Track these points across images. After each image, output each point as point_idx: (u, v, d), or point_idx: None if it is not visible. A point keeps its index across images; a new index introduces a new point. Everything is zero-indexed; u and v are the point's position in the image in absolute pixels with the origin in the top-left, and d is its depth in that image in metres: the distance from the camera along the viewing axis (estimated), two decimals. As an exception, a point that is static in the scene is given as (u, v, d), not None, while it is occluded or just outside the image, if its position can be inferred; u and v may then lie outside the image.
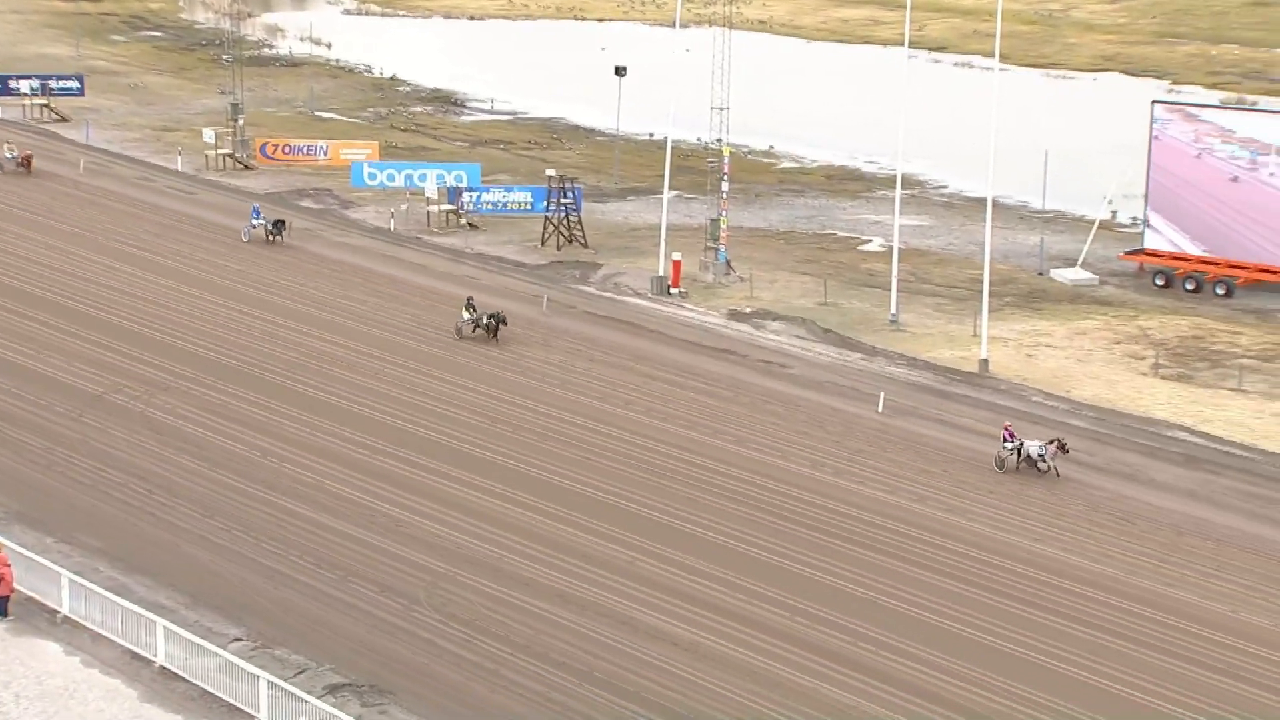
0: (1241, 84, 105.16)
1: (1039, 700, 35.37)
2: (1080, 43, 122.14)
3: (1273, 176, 65.14)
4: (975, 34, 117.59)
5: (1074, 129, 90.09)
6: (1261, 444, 49.91)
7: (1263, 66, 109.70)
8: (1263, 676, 36.39)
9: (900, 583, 40.62)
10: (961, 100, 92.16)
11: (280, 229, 70.43)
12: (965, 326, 60.25)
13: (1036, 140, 77.64)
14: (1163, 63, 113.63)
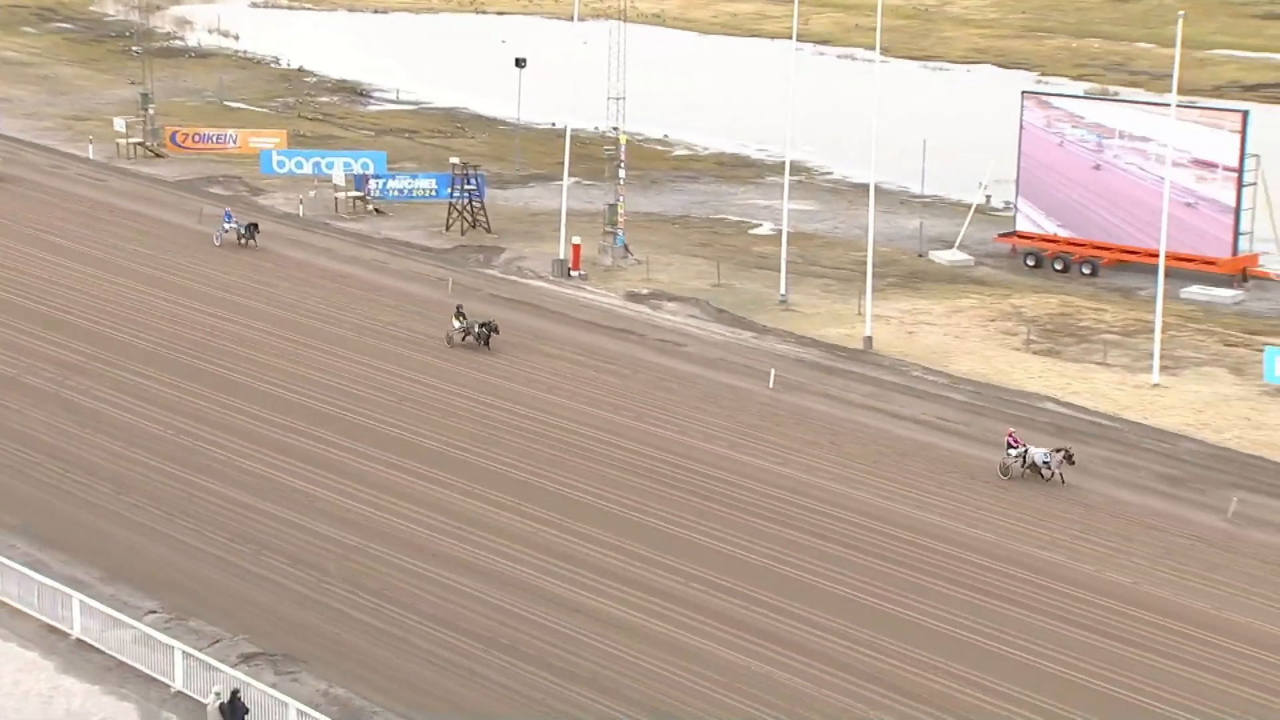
0: (1104, 75, 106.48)
1: (889, 646, 35.72)
2: (955, 36, 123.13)
3: (1116, 158, 66.18)
4: (857, 28, 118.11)
5: (951, 118, 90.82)
6: (1124, 414, 50.59)
7: (1123, 59, 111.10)
8: (1128, 631, 36.91)
9: (790, 549, 40.85)
10: (845, 91, 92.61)
11: (253, 232, 67.29)
12: (850, 306, 60.60)
13: (916, 129, 78.19)
14: (1031, 56, 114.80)
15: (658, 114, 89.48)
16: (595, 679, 34.86)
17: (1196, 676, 35.07)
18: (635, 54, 67.61)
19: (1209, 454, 47.51)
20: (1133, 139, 65.81)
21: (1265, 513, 43.07)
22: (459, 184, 72.12)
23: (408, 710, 33.36)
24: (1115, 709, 33.86)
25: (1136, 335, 57.09)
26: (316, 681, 34.29)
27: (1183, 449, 47.93)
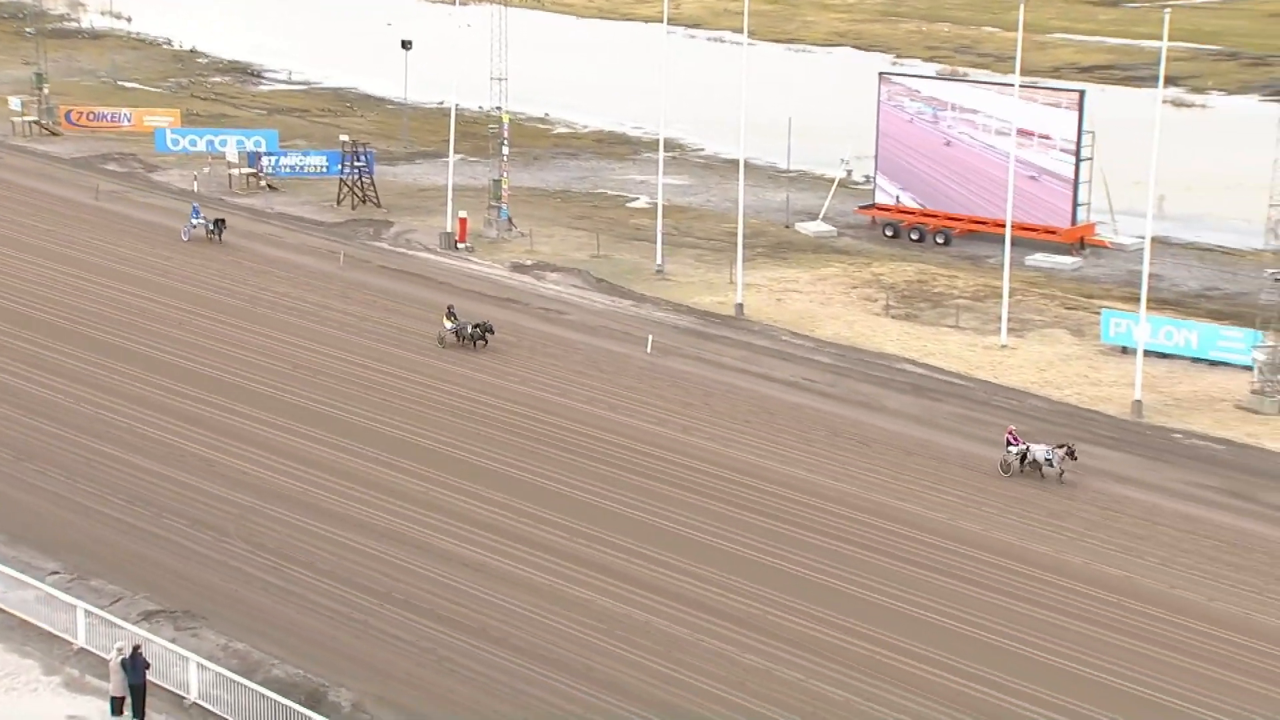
0: (954, 57, 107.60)
1: (757, 591, 36.14)
2: (816, 20, 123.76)
3: (950, 128, 67.10)
4: (725, 12, 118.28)
5: (814, 98, 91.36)
6: (975, 373, 51.35)
7: (971, 43, 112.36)
8: (974, 573, 37.57)
9: (668, 504, 41.08)
10: (715, 72, 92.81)
11: (220, 227, 63.95)
12: (722, 275, 60.89)
13: (782, 108, 78.57)
14: (887, 39, 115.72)
15: (539, 94, 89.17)
16: (484, 629, 34.89)
17: (1036, 613, 35.75)
18: (516, 36, 67.31)
19: (1051, 410, 48.42)
20: (980, 117, 66.63)
21: (1102, 463, 43.97)
22: (349, 161, 71.50)
23: (306, 663, 33.16)
24: (955, 641, 34.47)
25: (986, 300, 57.94)
26: (216, 636, 34.00)
27: (1028, 405, 48.79)
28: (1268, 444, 45.36)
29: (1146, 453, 44.77)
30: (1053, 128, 64.76)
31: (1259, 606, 36.17)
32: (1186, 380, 50.29)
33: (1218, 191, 68.08)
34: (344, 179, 71.67)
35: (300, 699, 30.83)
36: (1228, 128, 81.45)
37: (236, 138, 78.60)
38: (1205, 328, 52.70)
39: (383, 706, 31.83)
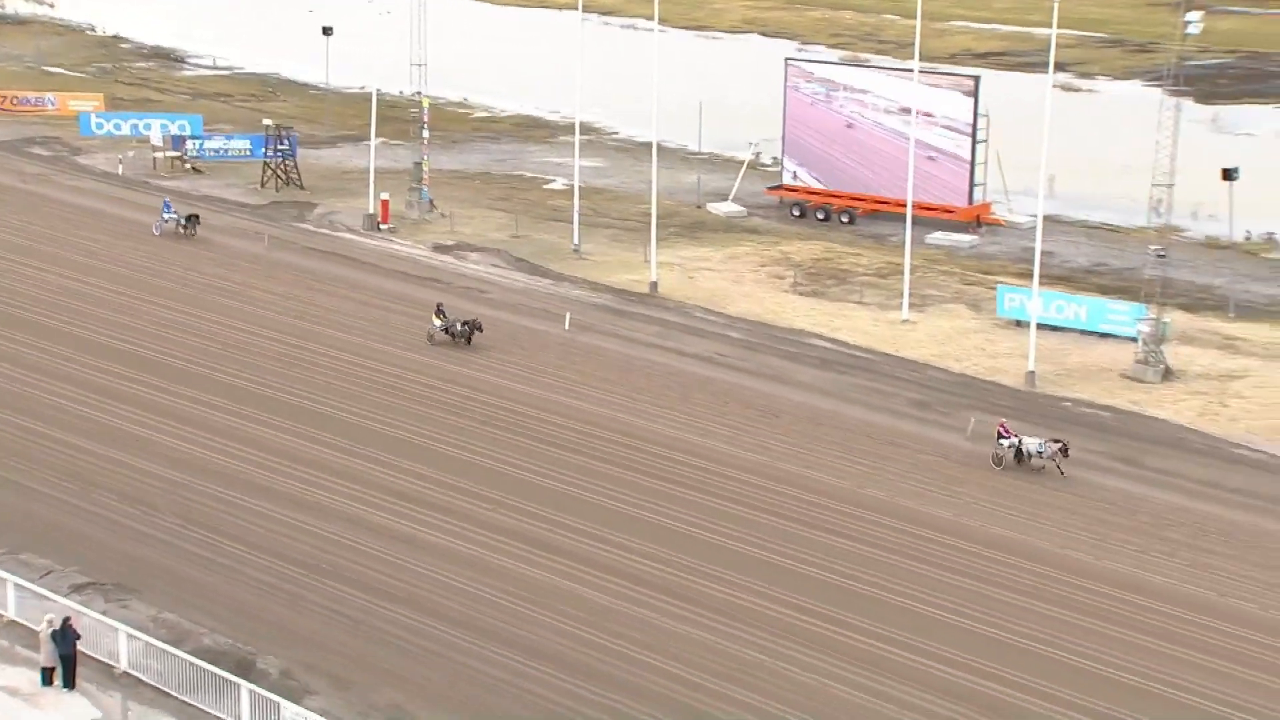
0: (857, 44, 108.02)
1: (675, 559, 36.30)
2: (725, 8, 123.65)
3: (827, 102, 67.61)
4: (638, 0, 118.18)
5: (724, 83, 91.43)
6: (879, 347, 51.72)
7: (873, 29, 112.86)
8: (877, 536, 37.93)
9: (587, 475, 41.11)
10: (628, 58, 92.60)
11: (193, 223, 61.31)
12: (637, 254, 60.85)
13: (693, 92, 78.58)
14: (793, 26, 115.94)
15: (458, 79, 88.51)
16: (412, 598, 34.76)
17: (934, 574, 36.15)
18: (435, 23, 66.79)
19: (951, 380, 48.91)
20: (881, 101, 67.03)
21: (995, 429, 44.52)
22: (272, 144, 70.68)
23: (236, 632, 32.89)
24: (861, 601, 34.80)
25: (889, 277, 58.34)
26: (147, 608, 33.65)
27: (929, 376, 49.24)
28: (1151, 411, 46.11)
29: (1040, 420, 45.32)
30: (950, 111, 65.26)
31: (1144, 565, 36.81)
32: (1076, 351, 50.97)
33: (1105, 172, 68.90)
34: (268, 162, 70.85)
35: (229, 667, 30.58)
36: (1114, 111, 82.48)
37: (161, 122, 77.43)
38: (1094, 302, 53.43)
39: (311, 674, 31.62)
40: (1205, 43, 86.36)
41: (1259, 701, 31.25)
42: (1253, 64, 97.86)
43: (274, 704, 29.13)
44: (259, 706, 29.28)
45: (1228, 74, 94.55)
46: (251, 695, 29.41)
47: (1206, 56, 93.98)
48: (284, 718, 28.94)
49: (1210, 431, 44.60)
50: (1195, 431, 44.63)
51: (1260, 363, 49.78)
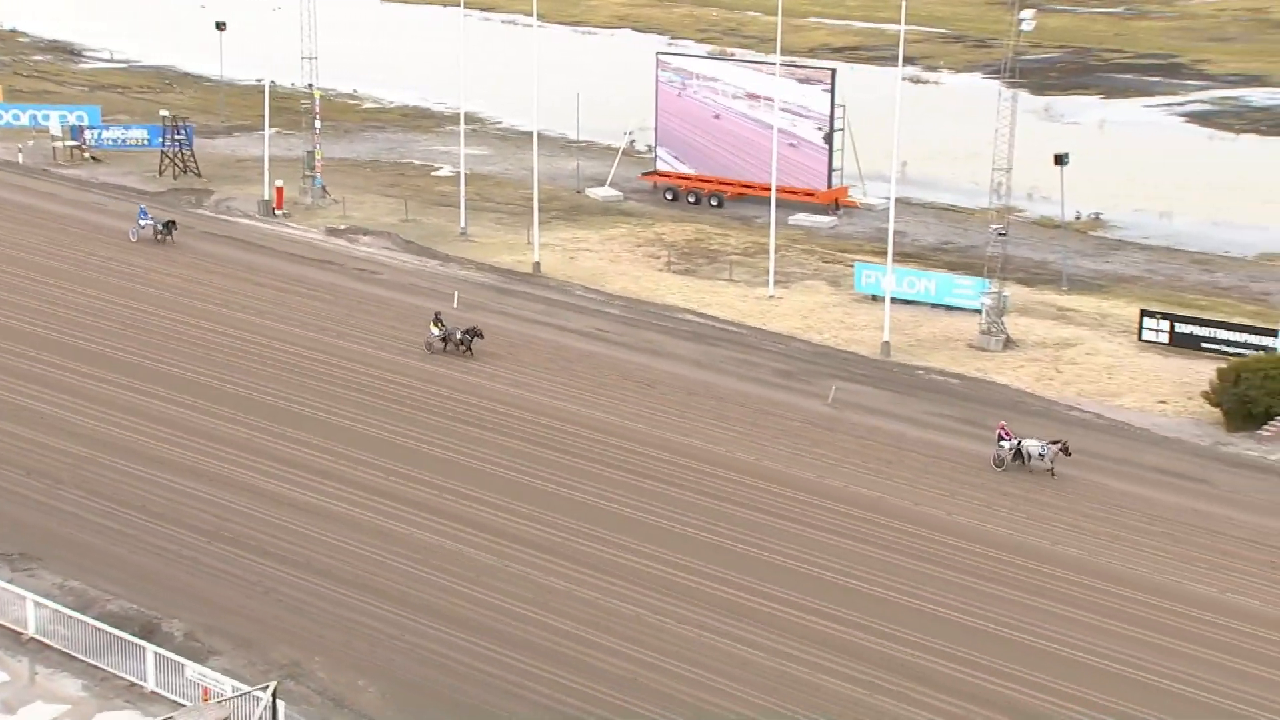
0: (723, 39, 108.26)
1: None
2: (600, 5, 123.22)
3: (696, 94, 67.63)
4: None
5: (599, 75, 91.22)
6: (746, 321, 52.00)
7: (737, 25, 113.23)
8: (744, 496, 38.22)
9: (473, 443, 40.86)
10: (509, 52, 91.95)
11: (170, 229, 57.63)
12: (521, 236, 60.53)
13: (571, 84, 78.24)
14: (663, 22, 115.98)
15: (347, 72, 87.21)
16: (309, 562, 34.34)
17: (803, 532, 36.52)
18: (324, 18, 65.70)
19: (813, 351, 49.35)
20: (745, 91, 67.33)
21: (857, 397, 45.02)
22: (169, 134, 69.19)
23: (140, 597, 32.27)
24: (728, 556, 35.06)
25: (755, 256, 58.67)
26: (53, 576, 32.89)
27: (793, 348, 49.64)
28: (994, 377, 46.93)
29: (894, 387, 45.95)
30: (809, 102, 65.71)
31: (991, 518, 37.47)
32: (927, 323, 51.68)
33: (951, 158, 69.87)
34: (165, 151, 69.35)
35: (134, 631, 30.01)
36: (957, 102, 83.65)
37: (59, 113, 75.26)
38: (942, 277, 54.19)
39: (213, 635, 31.16)
40: (1037, 39, 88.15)
41: (1077, 636, 32.00)
42: (1078, 58, 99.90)
43: (178, 665, 28.69)
44: (163, 667, 28.82)
45: (1057, 67, 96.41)
46: (156, 657, 28.95)
47: (1039, 51, 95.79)
48: (187, 677, 28.49)
49: (1046, 395, 45.50)
50: (1033, 395, 45.51)
51: (1090, 331, 50.89)
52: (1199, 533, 36.51)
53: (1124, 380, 46.36)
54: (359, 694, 29.64)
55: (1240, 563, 35.03)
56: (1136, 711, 29.47)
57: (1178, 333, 48.77)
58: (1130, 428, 42.96)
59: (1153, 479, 39.60)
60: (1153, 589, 33.86)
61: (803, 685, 30.07)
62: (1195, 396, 44.16)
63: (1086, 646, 31.58)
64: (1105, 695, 29.87)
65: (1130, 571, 34.63)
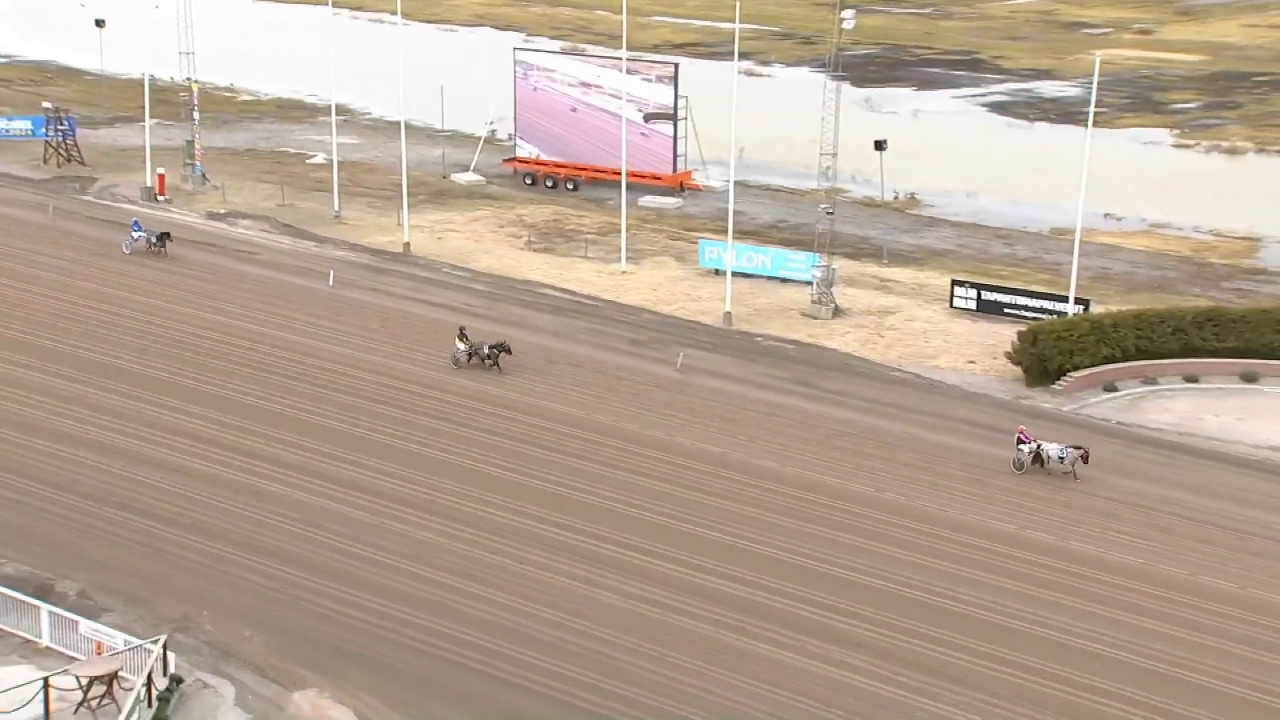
0: (575, 36, 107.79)
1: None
2: (460, 4, 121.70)
3: (551, 86, 67.29)
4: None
5: (462, 69, 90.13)
6: (601, 294, 52.00)
7: (588, 23, 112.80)
8: (599, 454, 38.22)
9: (351, 411, 40.22)
10: (377, 47, 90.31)
11: (165, 241, 53.59)
12: (391, 218, 59.66)
13: (435, 77, 77.19)
14: (519, 20, 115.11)
15: (224, 66, 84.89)
16: (196, 524, 33.57)
17: (654, 485, 36.72)
18: (200, 15, 63.80)
19: (662, 322, 49.52)
20: (596, 83, 67.15)
21: (702, 363, 45.31)
22: (52, 125, 66.72)
23: (34, 560, 31.24)
24: (598, 512, 35.16)
25: (608, 234, 58.65)
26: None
27: (644, 319, 49.75)
28: (825, 343, 47.62)
29: (736, 353, 46.36)
30: (655, 93, 65.77)
31: (822, 469, 38.04)
32: (764, 294, 52.21)
33: (783, 144, 70.53)
34: (48, 141, 66.86)
35: (30, 592, 29.05)
36: (788, 93, 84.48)
37: (-57, 105, 72.05)
38: (777, 252, 54.76)
39: (106, 594, 30.32)
40: (858, 37, 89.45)
41: (879, 566, 32.73)
42: (894, 54, 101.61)
43: (72, 622, 27.85)
44: (58, 625, 27.97)
45: (876, 62, 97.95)
46: (51, 615, 28.08)
47: (859, 48, 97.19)
48: (81, 633, 27.69)
49: (871, 358, 46.29)
50: (859, 358, 46.25)
51: (908, 300, 51.90)
52: (1002, 478, 37.52)
53: (938, 343, 47.39)
54: (246, 644, 29.11)
55: (1035, 502, 36.11)
56: (917, 627, 30.23)
57: (984, 300, 49.99)
58: (944, 385, 43.94)
59: (963, 430, 40.58)
60: (959, 526, 34.76)
61: (629, 614, 30.28)
62: (999, 357, 45.31)
63: (894, 577, 32.26)
64: (910, 620, 30.56)
65: (941, 512, 35.48)
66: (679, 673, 28.58)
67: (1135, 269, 55.45)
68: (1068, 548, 33.75)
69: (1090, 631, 30.21)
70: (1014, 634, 30.11)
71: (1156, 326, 44.11)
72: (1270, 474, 37.38)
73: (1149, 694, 28.24)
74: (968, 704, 27.83)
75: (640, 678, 28.41)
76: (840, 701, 27.84)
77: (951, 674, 28.69)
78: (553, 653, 29.13)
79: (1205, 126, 78.85)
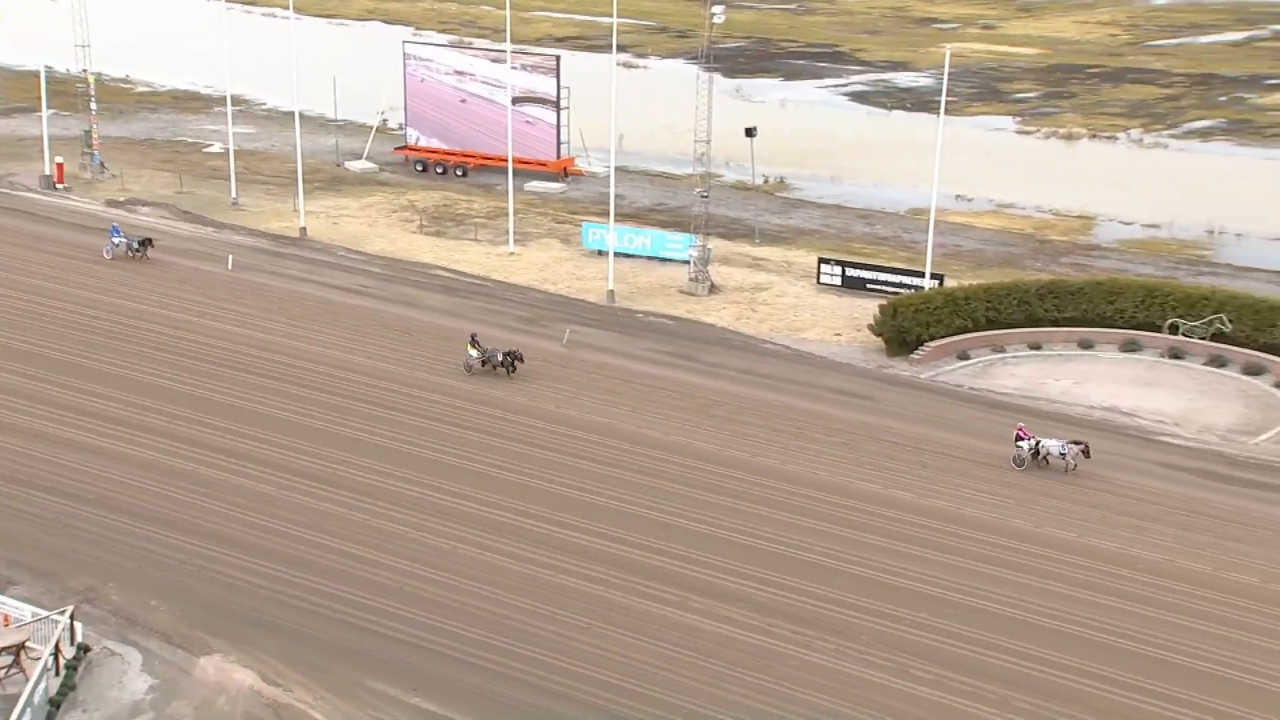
0: (461, 30, 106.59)
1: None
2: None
3: (439, 78, 66.46)
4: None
5: (355, 61, 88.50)
6: (491, 275, 51.61)
7: (473, 18, 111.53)
8: (494, 427, 38.02)
9: (249, 389, 39.45)
10: (271, 41, 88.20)
11: (145, 246, 50.11)
12: (287, 204, 58.47)
13: (328, 69, 75.68)
14: (408, 14, 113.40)
15: (120, 58, 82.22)
16: (101, 499, 32.72)
17: (548, 456, 36.65)
18: (95, 9, 61.69)
19: (549, 300, 49.34)
20: (481, 74, 66.53)
21: (588, 339, 45.28)
22: (-51, 115, 63.89)
23: (-58, 543, 30.12)
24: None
25: (497, 218, 58.22)
26: None
27: (532, 297, 49.52)
28: (702, 318, 47.91)
29: (619, 329, 46.40)
30: (538, 84, 65.36)
31: (703, 437, 38.24)
32: (645, 273, 52.31)
33: (660, 131, 70.59)
34: (-54, 131, 64.04)
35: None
36: (664, 84, 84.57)
37: None
38: (656, 234, 54.87)
39: (14, 569, 29.55)
40: (728, 31, 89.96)
41: (764, 529, 33.20)
42: (762, 47, 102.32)
43: (-21, 598, 26.96)
44: (-34, 602, 27.02)
45: (745, 55, 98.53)
46: (-42, 593, 27.08)
47: (729, 41, 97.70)
48: (-11, 609, 26.83)
49: (745, 331, 46.68)
50: (734, 332, 46.61)
51: (778, 277, 52.44)
52: (867, 440, 38.21)
53: (806, 317, 47.97)
54: (152, 613, 28.49)
55: (897, 463, 36.82)
56: (793, 582, 30.75)
57: (848, 276, 50.72)
58: (813, 356, 44.51)
59: (830, 398, 41.19)
60: (829, 488, 35.29)
61: (519, 576, 30.28)
62: (862, 329, 46.02)
63: (767, 535, 32.73)
64: (785, 575, 31.06)
65: (811, 474, 36.00)
66: (568, 629, 28.65)
67: (984, 246, 56.72)
68: (927, 505, 34.50)
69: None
70: (864, 581, 30.72)
71: (1004, 299, 45.19)
72: (1104, 431, 38.62)
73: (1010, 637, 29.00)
74: (816, 645, 28.31)
75: (536, 637, 28.41)
76: (710, 650, 28.16)
77: (810, 619, 29.15)
78: (447, 613, 29.00)
79: (1044, 114, 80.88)
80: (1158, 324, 43.91)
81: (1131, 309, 44.53)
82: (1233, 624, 29.20)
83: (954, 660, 27.89)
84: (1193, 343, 43.28)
